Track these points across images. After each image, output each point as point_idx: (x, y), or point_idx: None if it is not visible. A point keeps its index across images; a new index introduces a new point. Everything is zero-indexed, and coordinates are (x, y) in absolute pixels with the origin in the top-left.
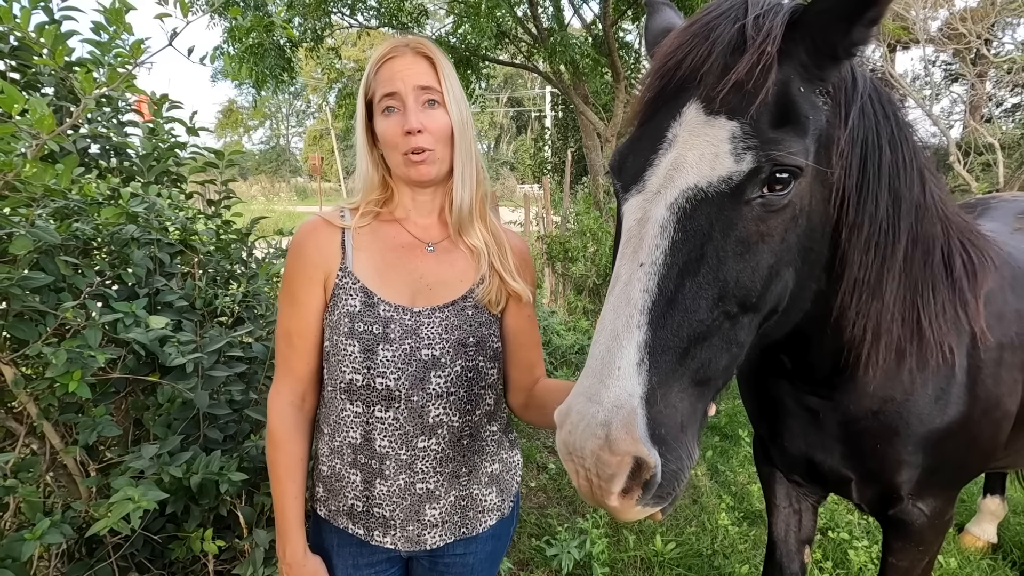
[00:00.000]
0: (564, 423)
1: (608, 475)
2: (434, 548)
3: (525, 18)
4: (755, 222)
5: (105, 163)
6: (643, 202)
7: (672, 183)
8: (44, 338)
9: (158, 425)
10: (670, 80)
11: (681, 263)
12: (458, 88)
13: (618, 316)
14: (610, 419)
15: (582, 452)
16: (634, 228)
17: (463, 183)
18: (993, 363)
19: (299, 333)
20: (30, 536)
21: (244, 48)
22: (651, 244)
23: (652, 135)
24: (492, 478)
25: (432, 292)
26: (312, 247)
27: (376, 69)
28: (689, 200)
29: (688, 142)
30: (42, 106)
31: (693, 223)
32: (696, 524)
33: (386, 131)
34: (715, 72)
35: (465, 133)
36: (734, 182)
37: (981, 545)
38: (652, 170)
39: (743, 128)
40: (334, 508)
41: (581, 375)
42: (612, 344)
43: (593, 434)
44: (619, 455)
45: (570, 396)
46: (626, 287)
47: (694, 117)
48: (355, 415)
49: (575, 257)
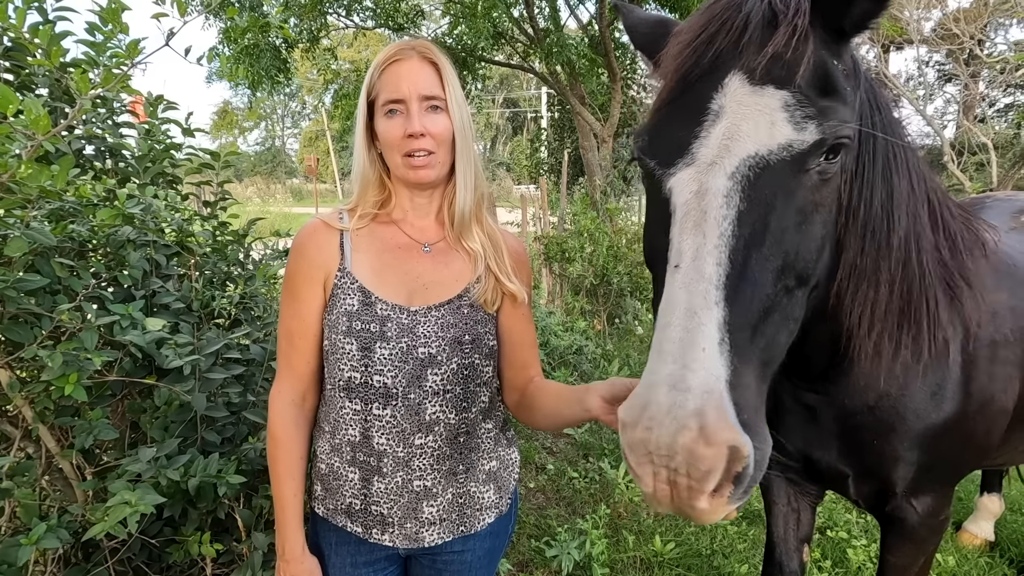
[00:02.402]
0: (640, 419)
1: (703, 472)
2: (432, 546)
3: (522, 19)
4: (812, 191)
5: (100, 164)
6: (697, 174)
7: (730, 153)
8: (40, 341)
9: (155, 428)
10: (704, 54)
11: (747, 234)
12: (460, 92)
13: (693, 293)
14: (703, 407)
15: (670, 448)
16: (692, 201)
17: (465, 186)
18: (987, 359)
19: (300, 332)
20: (26, 541)
21: (240, 49)
22: (716, 215)
23: (691, 108)
24: (489, 475)
25: (428, 291)
26: (313, 248)
27: (381, 71)
28: (752, 168)
29: (739, 112)
30: (37, 107)
31: (756, 192)
32: (695, 524)
33: (388, 132)
34: (754, 43)
35: (466, 136)
36: (795, 150)
37: (979, 543)
38: (701, 142)
39: (795, 97)
40: (332, 507)
41: (653, 362)
42: (690, 324)
43: (684, 426)
44: (716, 446)
45: (641, 388)
46: (695, 261)
47: (740, 88)
48: (354, 412)
49: (572, 258)
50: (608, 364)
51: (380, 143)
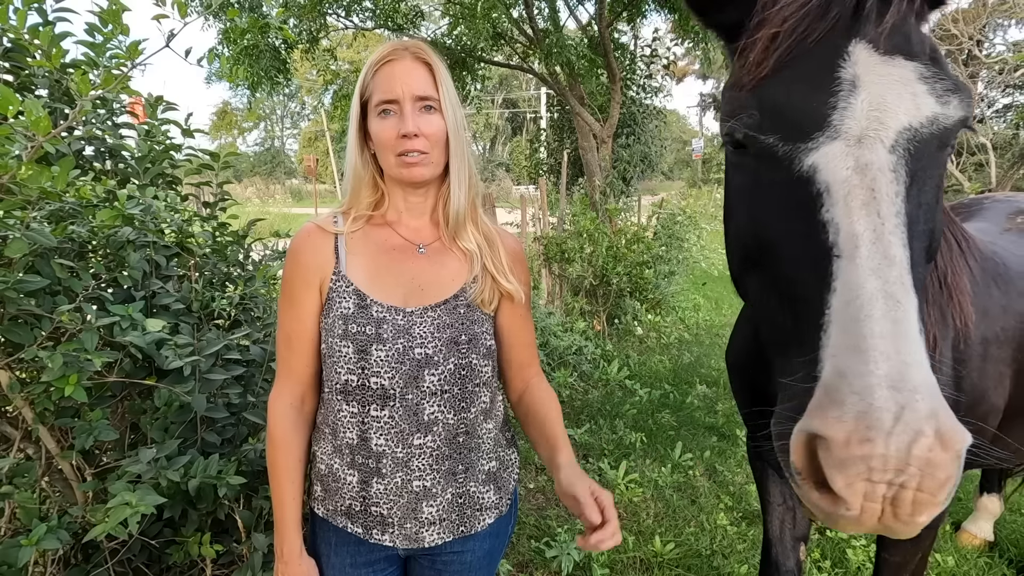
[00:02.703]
0: (856, 431)
1: (940, 481)
2: (432, 546)
3: (521, 19)
4: (943, 167)
5: (100, 165)
6: (850, 148)
7: (883, 125)
8: (40, 342)
9: (155, 429)
10: (816, 19)
11: (910, 212)
12: (454, 93)
13: (887, 280)
14: (935, 408)
15: (902, 460)
16: (853, 178)
17: (459, 186)
18: (978, 357)
19: (298, 336)
20: (27, 542)
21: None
22: (888, 192)
23: (814, 78)
24: (489, 476)
25: (424, 292)
26: (308, 252)
27: (374, 71)
28: (909, 142)
29: (879, 82)
30: (38, 108)
31: (912, 167)
32: (695, 524)
33: (382, 133)
34: (874, 11)
35: (460, 136)
36: (940, 125)
37: (978, 543)
38: (843, 113)
39: (929, 70)
40: (332, 507)
41: (852, 362)
42: (896, 313)
43: (919, 431)
44: (952, 450)
45: (843, 395)
46: (878, 244)
47: (869, 57)
48: (351, 415)
49: (572, 258)
50: (608, 364)
51: (373, 143)
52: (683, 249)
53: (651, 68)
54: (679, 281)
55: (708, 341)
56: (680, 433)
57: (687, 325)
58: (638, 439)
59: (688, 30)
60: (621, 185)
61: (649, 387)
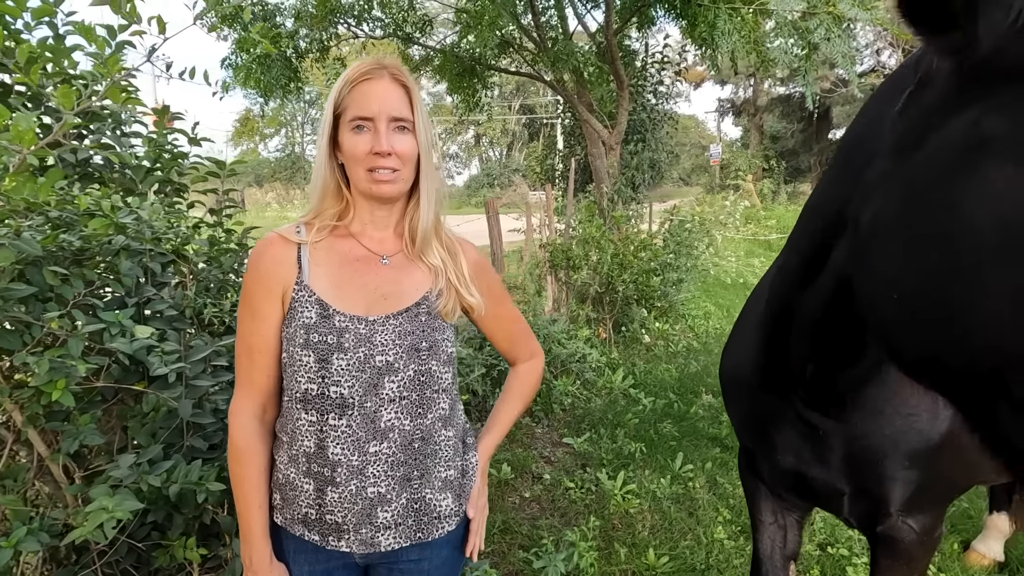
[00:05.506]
0: None
1: None
2: (389, 551)
3: (529, 27)
4: None
5: (108, 175)
6: None
7: None
8: (29, 348)
9: (143, 434)
10: None
11: None
12: (425, 113)
13: None
14: None
15: None
16: None
17: (428, 204)
18: None
19: (259, 347)
20: (6, 544)
21: (251, 59)
22: None
23: None
24: (447, 483)
25: (387, 301)
26: (269, 262)
27: (351, 87)
28: None
29: None
30: (27, 120)
31: None
32: (691, 537)
33: (354, 147)
34: None
35: (430, 155)
36: None
37: (987, 563)
38: None
39: None
40: (290, 516)
41: None
42: None
43: None
44: None
45: None
46: None
47: None
48: (309, 424)
49: (578, 265)
50: (612, 372)
51: (343, 154)
52: (692, 256)
53: (662, 74)
54: (689, 288)
55: (717, 350)
56: (682, 443)
57: (696, 333)
58: (638, 449)
59: (695, 37)
60: (630, 192)
61: (654, 396)
